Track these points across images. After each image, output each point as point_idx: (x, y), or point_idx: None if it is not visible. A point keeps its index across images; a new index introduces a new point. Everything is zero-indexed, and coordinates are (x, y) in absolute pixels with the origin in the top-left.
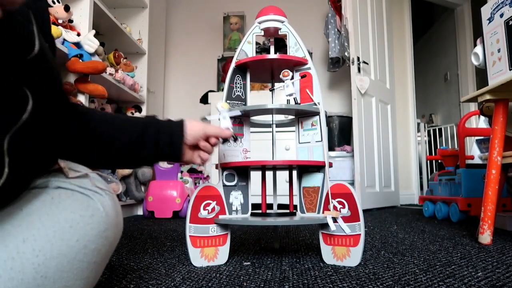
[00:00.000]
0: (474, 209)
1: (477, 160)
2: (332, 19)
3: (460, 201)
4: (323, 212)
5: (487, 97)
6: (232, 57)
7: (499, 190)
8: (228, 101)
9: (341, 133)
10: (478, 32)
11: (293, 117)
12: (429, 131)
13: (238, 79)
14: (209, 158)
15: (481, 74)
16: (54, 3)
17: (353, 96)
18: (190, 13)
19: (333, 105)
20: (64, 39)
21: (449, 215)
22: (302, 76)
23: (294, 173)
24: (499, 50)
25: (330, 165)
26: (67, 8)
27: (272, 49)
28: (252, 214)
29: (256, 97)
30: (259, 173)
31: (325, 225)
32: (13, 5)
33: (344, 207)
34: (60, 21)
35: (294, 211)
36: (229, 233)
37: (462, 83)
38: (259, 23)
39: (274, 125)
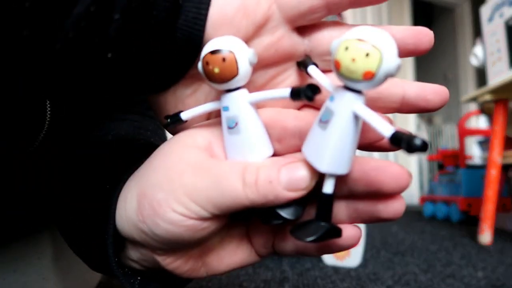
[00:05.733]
0: (474, 209)
1: (477, 160)
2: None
3: (460, 201)
4: None
5: (487, 97)
6: None
7: (499, 190)
8: None
9: None
10: (478, 32)
11: None
12: (429, 131)
13: None
14: None
15: (481, 74)
16: None
17: None
18: None
19: None
20: None
21: (449, 215)
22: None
23: None
24: (499, 50)
25: None
26: None
27: None
28: None
29: None
30: None
31: None
32: None
33: None
34: None
35: None
36: None
37: (462, 83)
38: None
39: None
